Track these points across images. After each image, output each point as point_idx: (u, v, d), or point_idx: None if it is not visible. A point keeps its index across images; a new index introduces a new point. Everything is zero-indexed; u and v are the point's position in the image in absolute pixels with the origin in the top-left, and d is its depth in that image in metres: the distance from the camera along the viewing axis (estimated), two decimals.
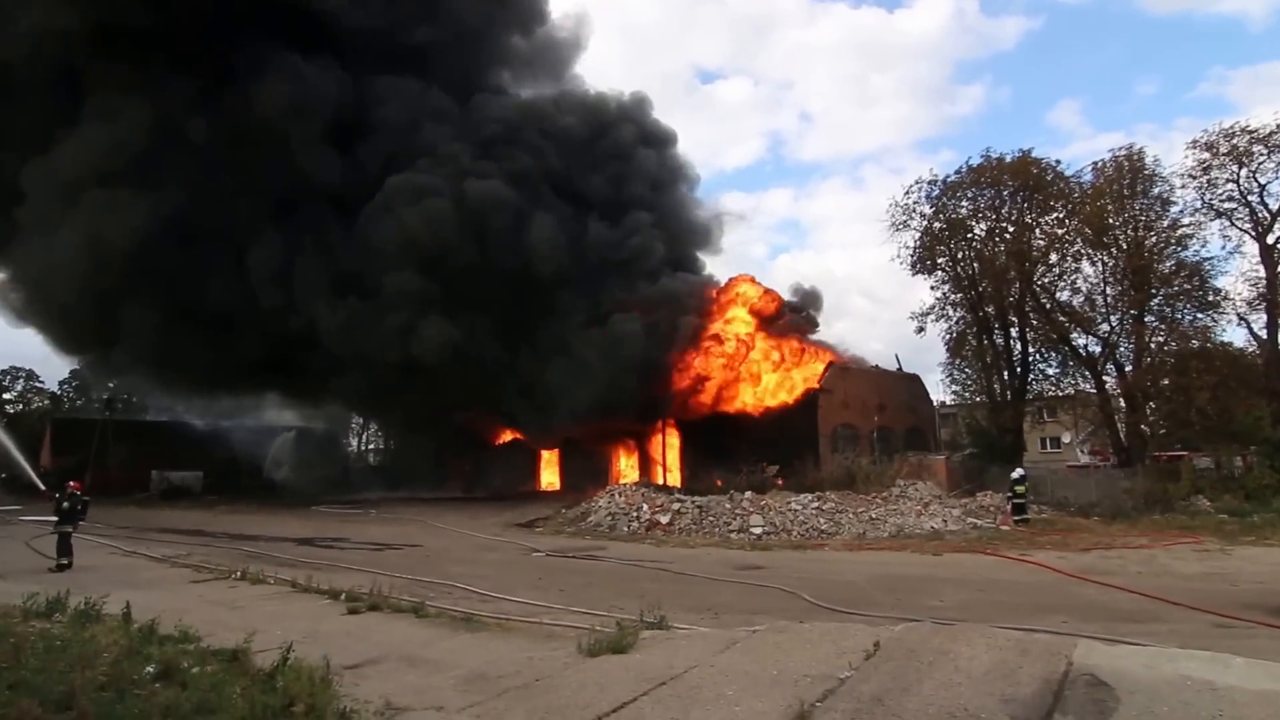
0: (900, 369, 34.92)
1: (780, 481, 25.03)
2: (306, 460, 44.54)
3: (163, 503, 35.22)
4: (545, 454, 38.26)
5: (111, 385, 57.30)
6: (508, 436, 38.31)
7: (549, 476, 38.01)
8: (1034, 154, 28.98)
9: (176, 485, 39.28)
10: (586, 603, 10.44)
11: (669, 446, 32.27)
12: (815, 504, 20.65)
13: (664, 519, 20.81)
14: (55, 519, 14.34)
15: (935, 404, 36.97)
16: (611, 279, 31.07)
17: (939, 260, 30.47)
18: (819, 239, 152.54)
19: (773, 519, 19.81)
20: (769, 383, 30.77)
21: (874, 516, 20.15)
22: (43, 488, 17.69)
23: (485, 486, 36.64)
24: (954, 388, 32.98)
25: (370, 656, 7.06)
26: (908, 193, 30.85)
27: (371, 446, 58.79)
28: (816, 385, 29.52)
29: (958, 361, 31.80)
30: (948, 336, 31.05)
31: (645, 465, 33.48)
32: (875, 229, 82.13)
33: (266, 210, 30.43)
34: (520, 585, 12.24)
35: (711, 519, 20.28)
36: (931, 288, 31.14)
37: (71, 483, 15.40)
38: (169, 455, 41.29)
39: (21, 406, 67.05)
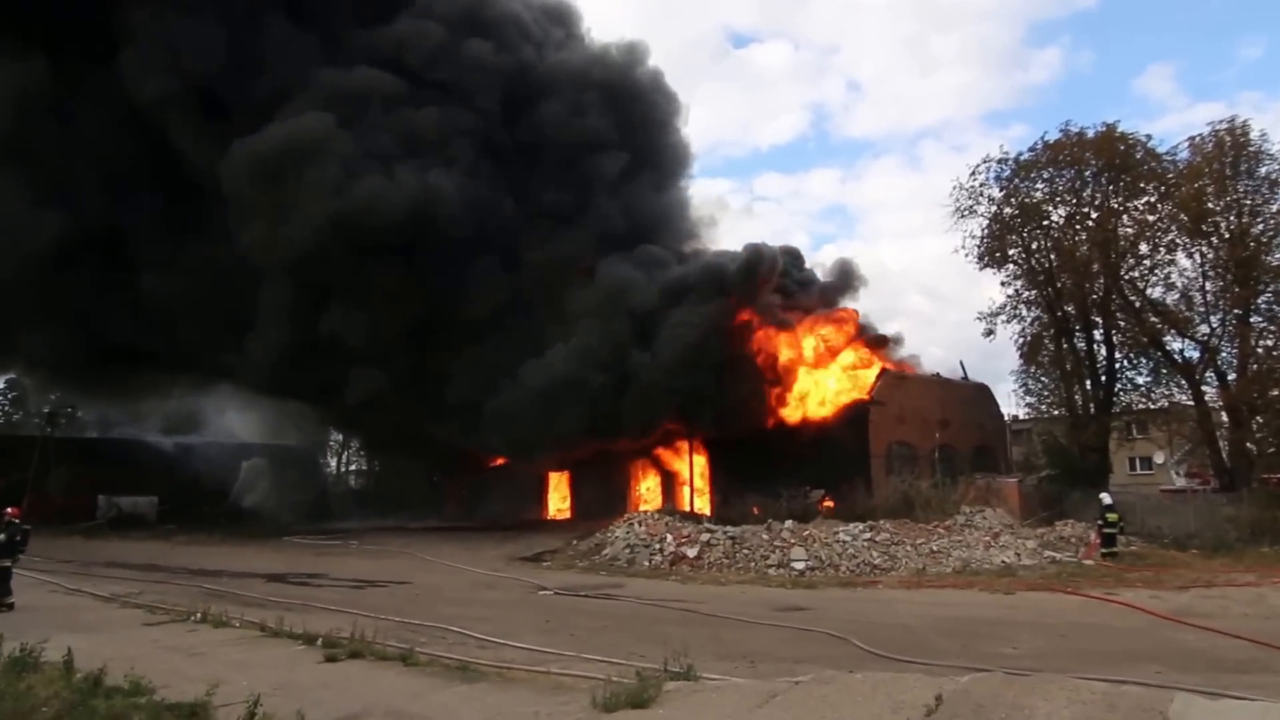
0: (966, 378, 34.82)
1: (826, 508, 24.95)
2: (278, 484, 44.85)
3: (112, 533, 35.51)
4: (553, 477, 38.35)
5: (54, 397, 58.00)
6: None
7: (558, 502, 38.10)
8: (1121, 128, 28.88)
9: (127, 512, 39.59)
10: (601, 649, 10.41)
11: (696, 468, 32.23)
12: (867, 535, 20.60)
13: (691, 552, 20.81)
14: None
15: (1006, 419, 36.76)
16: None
17: (1010, 252, 30.36)
18: (869, 227, 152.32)
19: (818, 552, 19.79)
20: (812, 392, 30.69)
21: (935, 549, 20.10)
22: None
23: (484, 514, 36.75)
24: (1028, 399, 32.80)
25: (351, 711, 7.04)
26: (974, 173, 30.79)
27: (353, 468, 59.17)
28: (867, 396, 29.40)
29: (1032, 369, 31.63)
30: (1020, 340, 30.95)
31: (669, 490, 33.47)
32: (936, 216, 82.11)
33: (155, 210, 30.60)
34: (525, 629, 12.23)
35: (746, 552, 20.28)
36: (1002, 284, 31.03)
37: (9, 510, 15.54)
38: (119, 478, 41.60)
39: None
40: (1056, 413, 32.26)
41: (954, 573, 18.69)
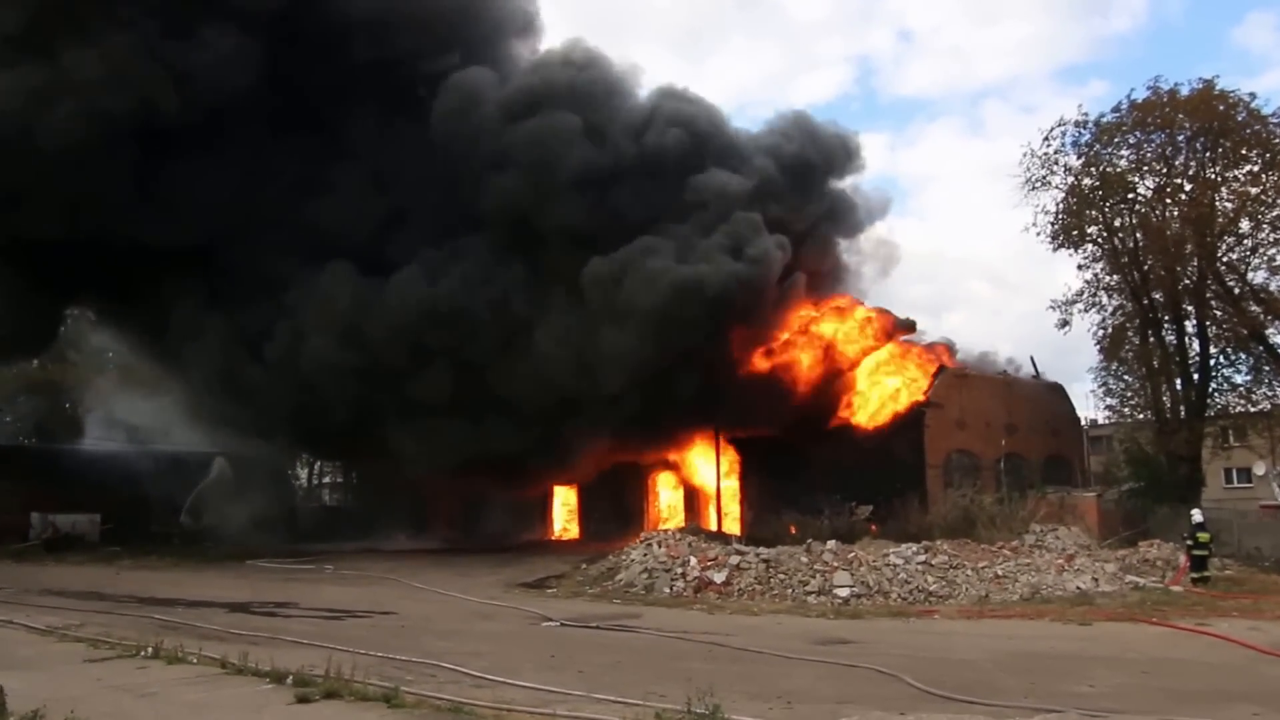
0: (1038, 375, 34.66)
1: (875, 527, 24.96)
2: (241, 499, 45.06)
3: (47, 556, 35.81)
4: (559, 492, 38.45)
5: None
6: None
7: (564, 520, 38.25)
8: (1219, 86, 28.61)
9: (65, 532, 39.86)
10: (615, 688, 10.44)
11: (724, 480, 32.28)
12: (922, 557, 20.59)
13: (718, 577, 20.85)
14: None
15: (1083, 423, 36.63)
16: None
17: (1089, 230, 30.26)
18: (924, 201, 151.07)
19: (865, 577, 19.81)
20: (858, 394, 30.68)
21: (1000, 574, 20.07)
22: None
23: (479, 534, 36.91)
24: (1109, 401, 32.74)
25: None
26: (1047, 138, 30.64)
27: (327, 480, 59.45)
28: (923, 398, 29.33)
29: (1114, 366, 31.54)
30: (1100, 333, 30.85)
31: (692, 506, 33.50)
32: (1002, 188, 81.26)
33: None
34: (527, 665, 12.28)
35: (782, 577, 20.32)
36: (1079, 267, 30.92)
37: None
38: (54, 492, 41.82)
39: None
40: (1141, 416, 32.15)
41: (1022, 600, 18.67)
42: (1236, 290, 28.55)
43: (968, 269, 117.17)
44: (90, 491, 42.02)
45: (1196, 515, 20.90)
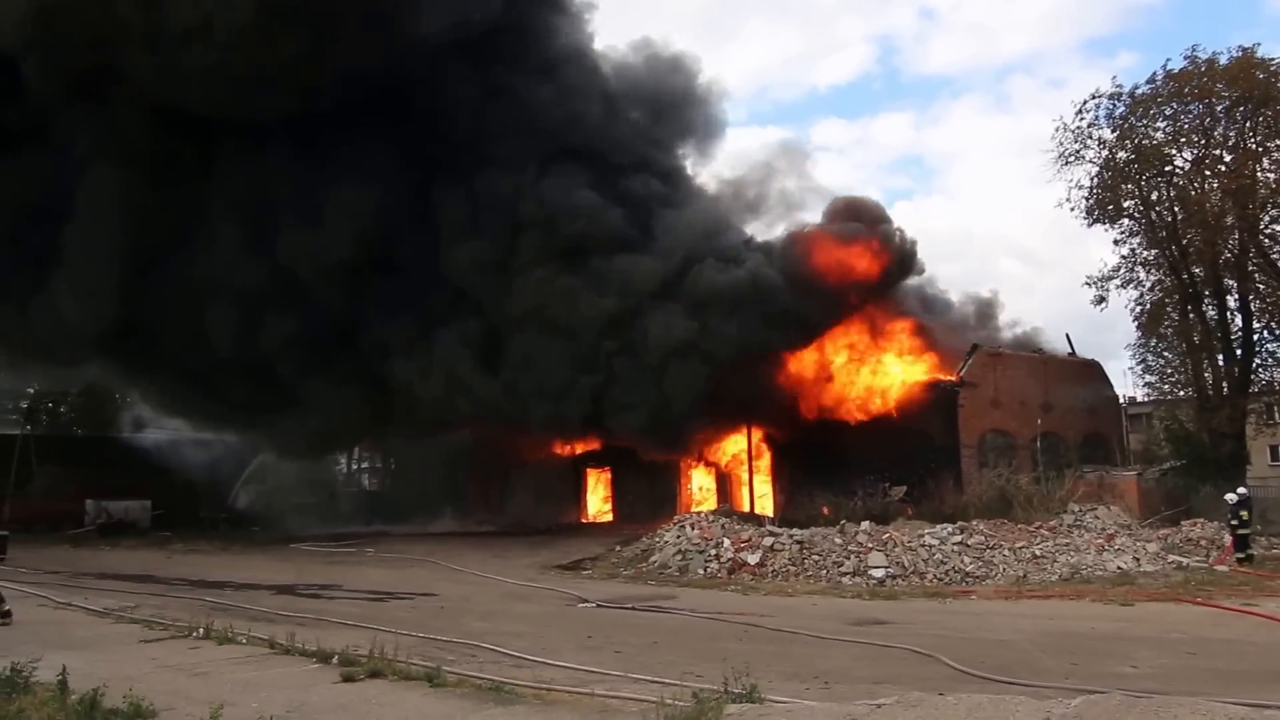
0: (1073, 354, 34.27)
1: (909, 508, 24.87)
2: (284, 484, 45.82)
3: (102, 541, 36.67)
4: (592, 475, 38.68)
5: (32, 390, 59.80)
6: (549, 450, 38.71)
7: (598, 503, 38.45)
8: (1259, 53, 27.98)
9: (118, 518, 40.80)
10: (652, 668, 10.52)
11: (756, 463, 32.27)
12: (957, 537, 20.52)
13: (752, 558, 20.93)
14: None
15: (1122, 401, 36.18)
16: None
17: (1125, 204, 29.80)
18: (950, 180, 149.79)
19: (899, 558, 19.78)
20: (886, 377, 30.48)
21: (1038, 554, 19.97)
22: None
23: (514, 517, 37.23)
24: (1148, 379, 32.29)
25: None
26: (1080, 111, 30.13)
27: (365, 466, 60.14)
28: (955, 378, 29.11)
29: (1153, 343, 31.08)
30: (1138, 309, 30.40)
31: (725, 488, 33.56)
32: (1032, 164, 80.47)
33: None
34: (564, 645, 12.42)
35: (817, 558, 20.35)
36: (1115, 242, 30.47)
37: None
38: (108, 480, 42.83)
39: None
40: (1182, 394, 31.66)
41: (1061, 581, 18.59)
42: None
43: (997, 246, 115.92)
44: (142, 479, 43.07)
45: (1237, 493, 20.59)
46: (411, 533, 35.43)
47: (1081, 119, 29.95)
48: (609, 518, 36.92)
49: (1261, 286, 28.69)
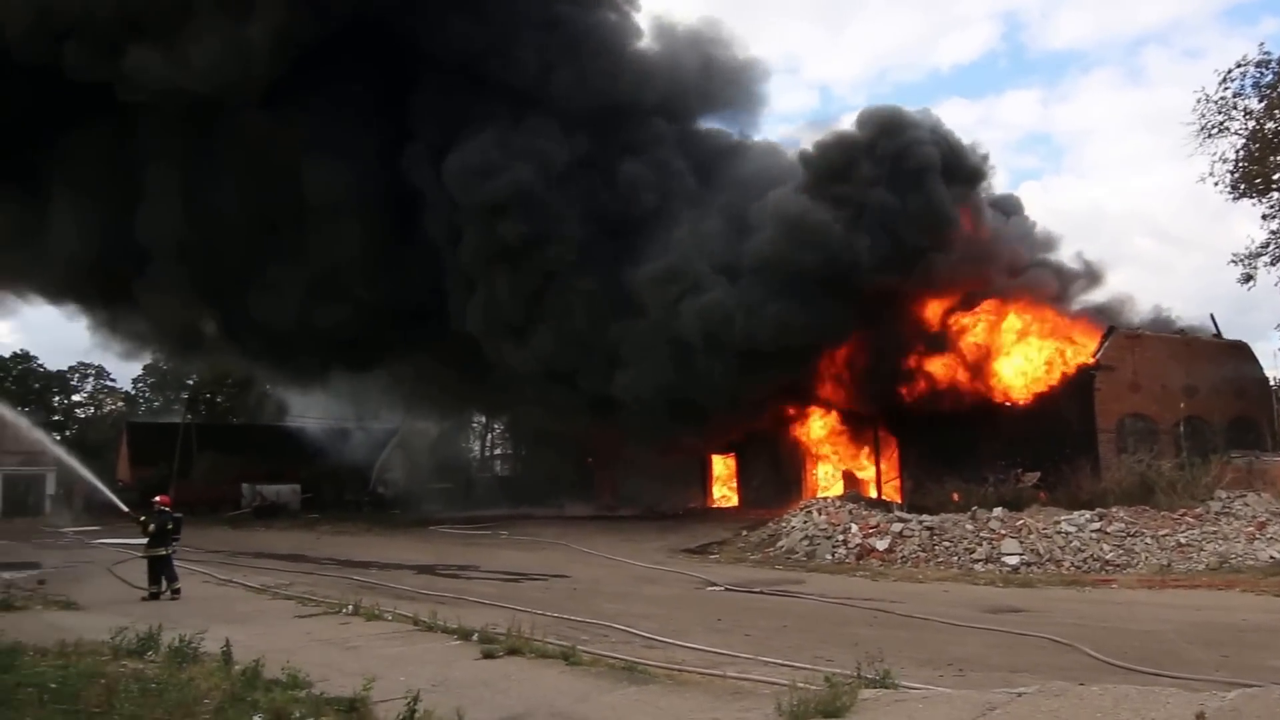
0: (1218, 335, 32.36)
1: (1044, 494, 24.00)
2: (423, 470, 47.56)
3: (257, 522, 38.74)
4: (717, 460, 38.67)
5: (191, 381, 63.61)
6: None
7: (722, 489, 38.43)
8: None
9: (272, 501, 43.07)
10: (782, 651, 10.48)
11: (882, 448, 31.66)
12: (1096, 524, 19.73)
13: (880, 544, 20.64)
14: (145, 541, 16.08)
15: (1272, 383, 33.99)
16: None
17: (1275, 177, 27.82)
18: (1081, 159, 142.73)
19: (1034, 545, 19.18)
20: (1016, 358, 29.43)
21: (1183, 542, 19.07)
22: (125, 510, 20.18)
23: (641, 502, 37.56)
24: None
25: (514, 712, 7.40)
26: (1224, 81, 28.24)
27: (497, 452, 61.67)
28: (1091, 361, 27.87)
29: None
30: None
31: (850, 473, 33.10)
32: (1170, 139, 75.94)
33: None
34: (694, 627, 12.49)
35: (947, 544, 19.94)
36: (1263, 217, 28.48)
37: (159, 498, 17.22)
38: (260, 465, 45.29)
39: (93, 409, 75.98)
40: None
41: (1208, 570, 17.73)
42: None
43: (1132, 225, 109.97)
44: (292, 464, 45.48)
45: None
46: (543, 516, 36.15)
47: (1226, 89, 28.08)
48: (734, 503, 36.82)
49: None
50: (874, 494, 29.91)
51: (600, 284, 30.69)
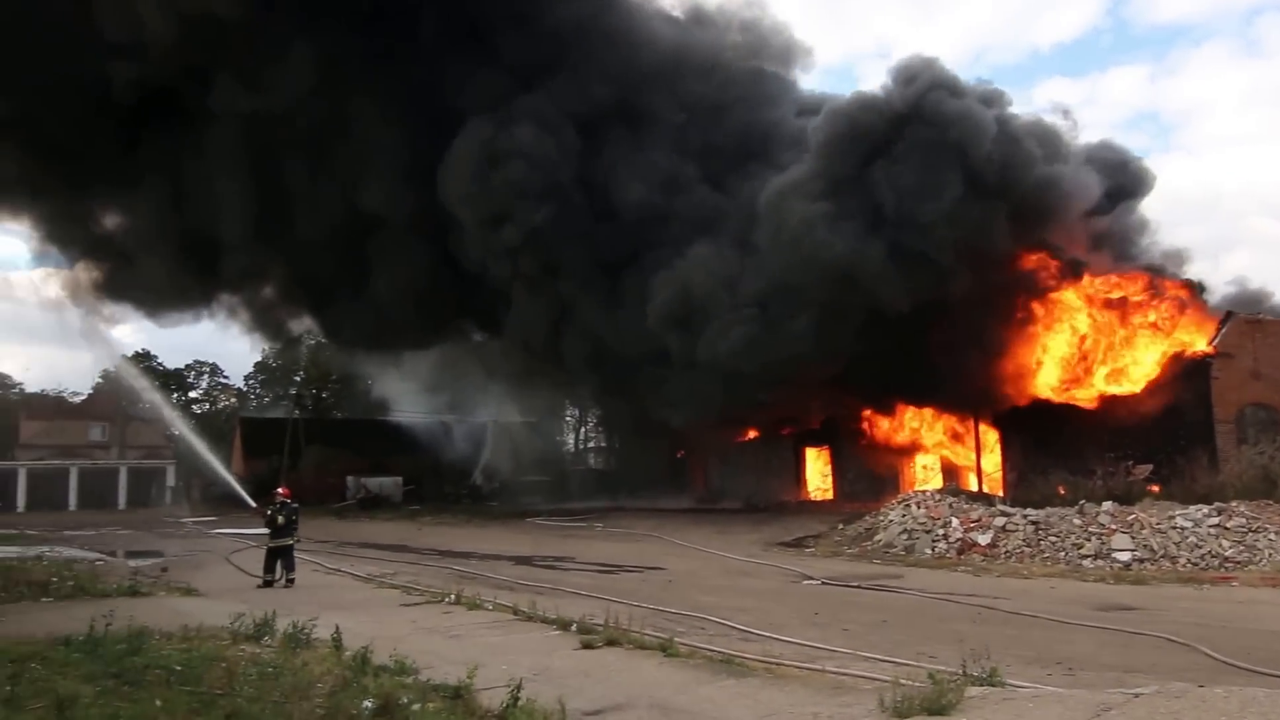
0: None
1: (1156, 488, 23.08)
2: (519, 463, 48.42)
3: (362, 513, 39.99)
4: (810, 453, 38.30)
5: (299, 378, 66.09)
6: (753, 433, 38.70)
7: (817, 481, 38.08)
8: None
9: (375, 494, 44.44)
10: (882, 647, 10.33)
11: (984, 440, 30.86)
12: (1215, 519, 18.84)
13: (983, 538, 20.17)
14: (266, 532, 16.74)
15: None
16: None
17: None
18: (1192, 135, 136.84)
19: (1147, 540, 18.43)
20: (1128, 349, 28.36)
21: None
22: (254, 505, 21.26)
23: (734, 494, 37.49)
24: None
25: (614, 702, 7.45)
26: None
27: (591, 444, 62.32)
28: (1208, 350, 26.66)
29: None
30: None
31: (950, 466, 32.42)
32: None
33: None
34: (791, 621, 12.41)
35: (1054, 539, 19.34)
36: None
37: (280, 490, 17.90)
38: (364, 458, 46.79)
39: (208, 405, 79.90)
40: None
41: None
42: None
43: (1249, 205, 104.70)
44: (394, 457, 46.91)
45: None
46: (636, 508, 36.37)
47: None
48: (828, 496, 36.42)
49: None
50: (975, 487, 29.15)
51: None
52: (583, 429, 63.55)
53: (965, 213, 25.84)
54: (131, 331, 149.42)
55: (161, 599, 14.02)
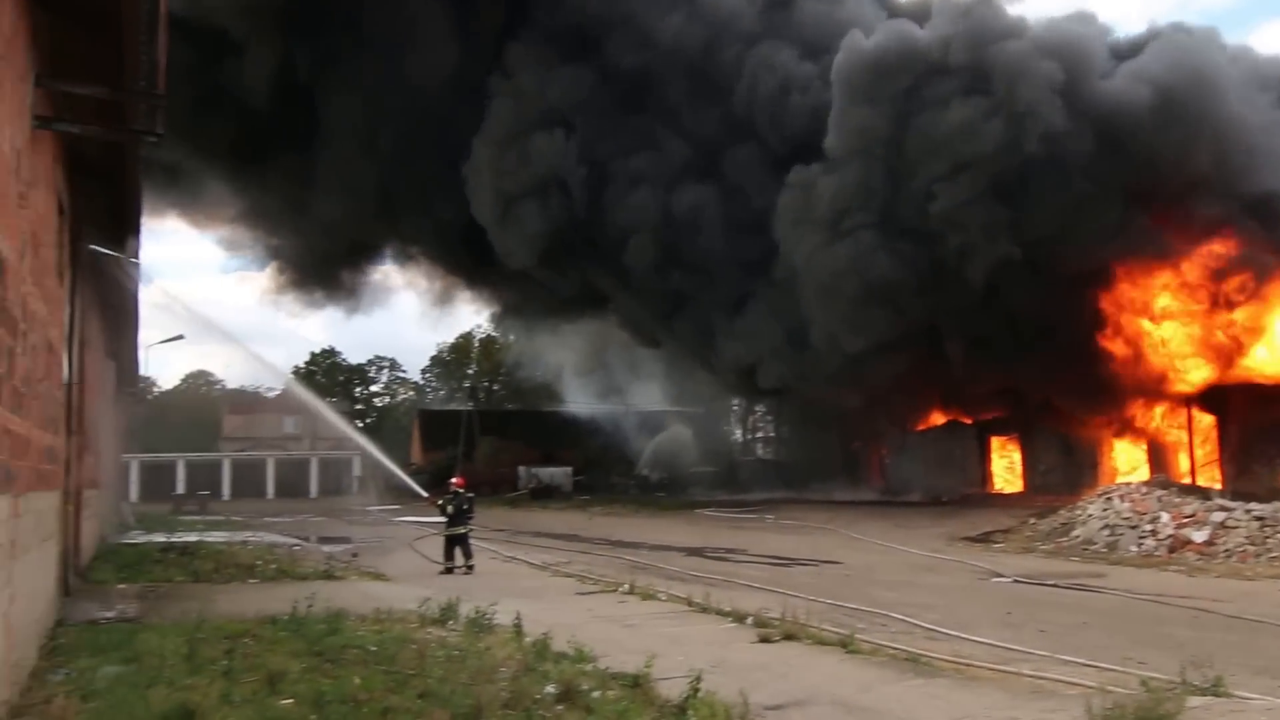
0: None
1: None
2: (687, 453, 48.81)
3: (533, 502, 41.29)
4: (996, 442, 36.83)
5: (471, 371, 68.97)
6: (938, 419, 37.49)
7: (1003, 472, 36.59)
8: None
9: (546, 484, 45.78)
10: (1084, 651, 9.77)
11: (1196, 426, 28.84)
12: None
13: (1198, 535, 18.97)
14: (444, 521, 17.53)
15: None
16: None
17: None
18: None
19: None
20: None
21: None
22: (425, 495, 22.41)
23: (912, 486, 36.47)
24: None
25: (795, 697, 7.34)
26: None
27: (759, 435, 62.00)
28: None
29: None
30: None
31: (1157, 456, 30.37)
32: None
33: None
34: (980, 621, 11.95)
35: None
36: None
37: (454, 480, 18.68)
38: (534, 448, 48.32)
39: (388, 399, 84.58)
40: None
41: None
42: None
43: None
44: (564, 448, 48.27)
45: None
46: (809, 500, 35.93)
47: None
48: (1016, 488, 34.90)
49: None
50: (1187, 479, 27.26)
51: None
52: (750, 419, 63.26)
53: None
54: (321, 327, 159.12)
55: (354, 583, 14.82)
